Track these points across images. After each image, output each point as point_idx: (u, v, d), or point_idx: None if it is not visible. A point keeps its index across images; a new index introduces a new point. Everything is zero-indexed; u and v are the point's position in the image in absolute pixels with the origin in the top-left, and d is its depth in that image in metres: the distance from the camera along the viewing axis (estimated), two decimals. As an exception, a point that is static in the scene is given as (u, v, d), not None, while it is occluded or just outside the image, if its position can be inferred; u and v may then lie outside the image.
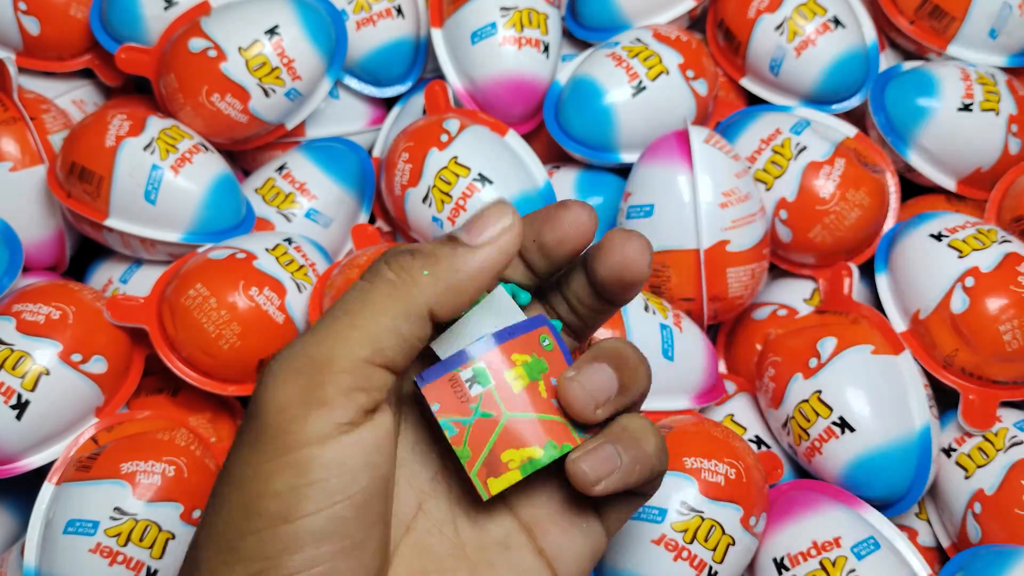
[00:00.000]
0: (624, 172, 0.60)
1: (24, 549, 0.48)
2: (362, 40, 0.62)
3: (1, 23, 0.61)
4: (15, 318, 0.50)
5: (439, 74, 0.62)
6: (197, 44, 0.56)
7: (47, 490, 0.49)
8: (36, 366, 0.49)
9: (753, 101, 0.65)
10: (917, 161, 0.59)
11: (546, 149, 0.63)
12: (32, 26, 0.61)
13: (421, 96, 0.63)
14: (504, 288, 0.32)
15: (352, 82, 0.64)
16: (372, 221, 0.63)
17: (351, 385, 0.28)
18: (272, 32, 0.57)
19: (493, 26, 0.59)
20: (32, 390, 0.49)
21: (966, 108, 0.58)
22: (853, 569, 0.44)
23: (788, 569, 0.46)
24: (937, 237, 0.53)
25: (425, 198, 0.55)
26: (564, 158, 0.62)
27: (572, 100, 0.59)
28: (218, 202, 0.55)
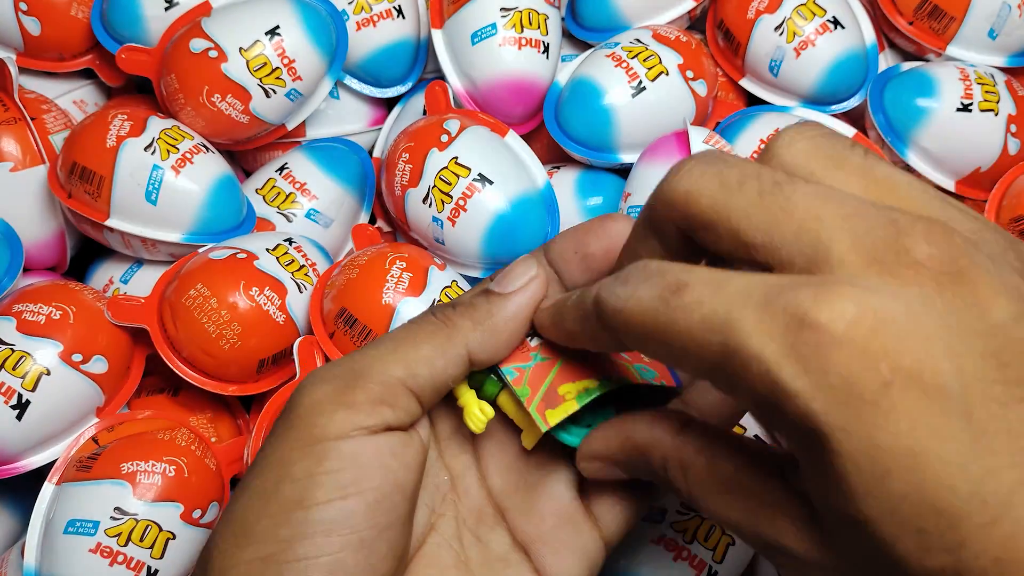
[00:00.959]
0: (624, 172, 0.60)
1: (24, 549, 0.48)
2: (362, 41, 0.62)
3: (2, 23, 0.61)
4: (15, 318, 0.50)
5: (439, 75, 0.62)
6: (198, 44, 0.56)
7: (47, 490, 0.49)
8: (36, 366, 0.49)
9: (753, 101, 0.65)
10: (916, 161, 0.60)
11: (546, 149, 0.63)
12: (33, 26, 0.61)
13: (421, 97, 0.63)
14: None
15: (352, 82, 0.64)
16: (372, 221, 0.63)
17: (380, 397, 0.30)
18: (273, 33, 0.57)
19: (493, 27, 0.59)
20: (32, 390, 0.49)
21: (965, 108, 0.58)
22: (853, 569, 0.44)
23: (788, 569, 0.46)
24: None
25: (425, 198, 0.55)
26: (564, 158, 0.62)
27: (572, 100, 0.59)
28: (219, 202, 0.55)
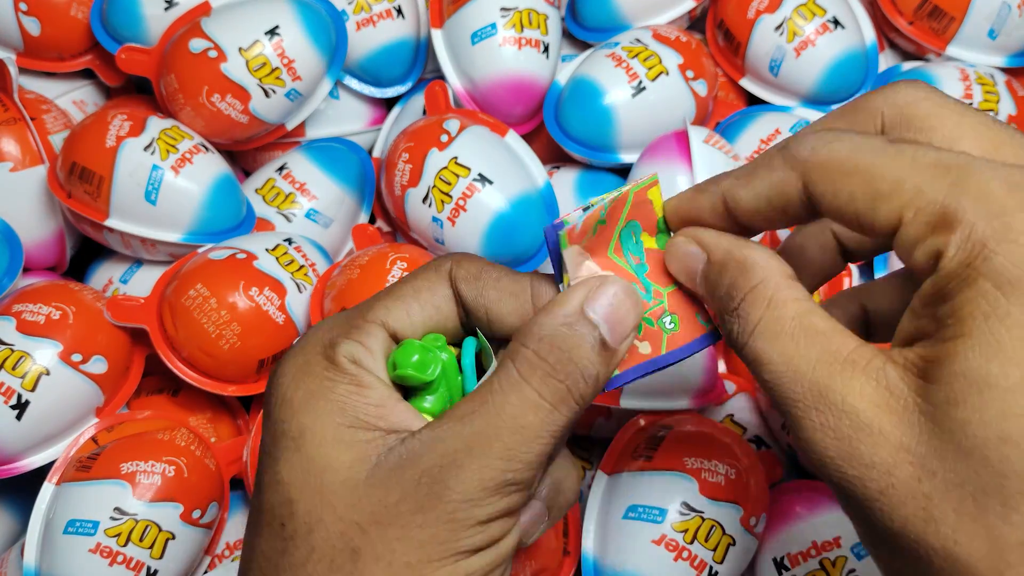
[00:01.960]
0: (624, 172, 0.60)
1: (24, 549, 0.48)
2: (362, 40, 0.62)
3: (2, 23, 0.61)
4: (15, 318, 0.50)
5: (439, 74, 0.62)
6: (198, 44, 0.56)
7: (47, 490, 0.49)
8: (36, 366, 0.49)
9: (753, 101, 0.65)
10: (917, 161, 0.59)
11: (546, 149, 0.63)
12: (33, 26, 0.61)
13: (421, 96, 0.63)
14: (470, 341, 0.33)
15: (352, 82, 0.64)
16: (372, 221, 0.63)
17: None
18: (272, 32, 0.57)
19: (493, 27, 0.59)
20: (32, 390, 0.49)
21: (966, 108, 0.58)
22: (853, 569, 0.44)
23: (788, 569, 0.46)
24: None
25: (425, 198, 0.55)
26: (564, 158, 0.62)
27: (572, 100, 0.59)
28: (218, 202, 0.55)
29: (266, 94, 0.57)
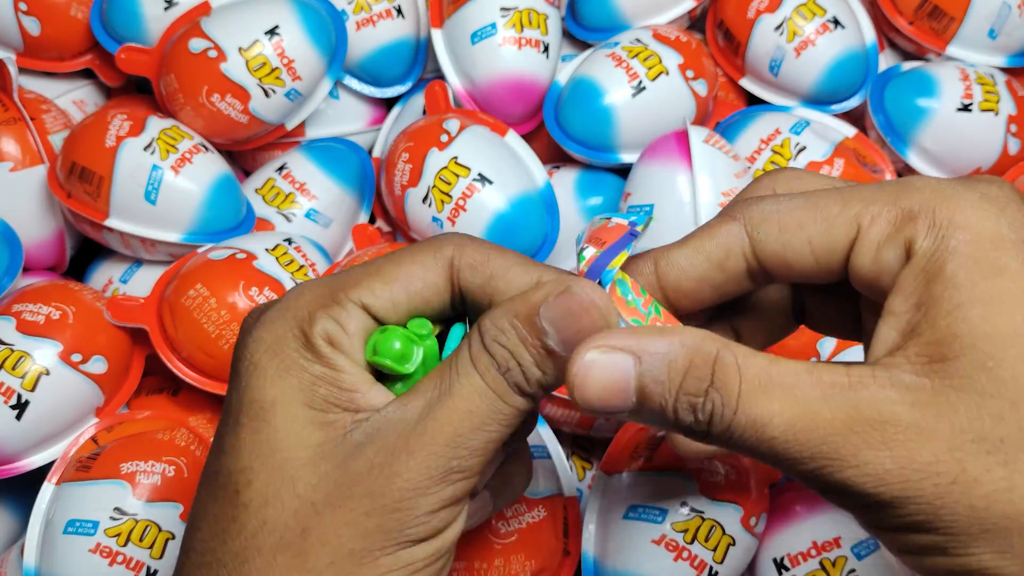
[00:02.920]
0: (624, 172, 0.60)
1: (24, 549, 0.48)
2: (362, 40, 0.62)
3: (1, 23, 0.61)
4: (15, 318, 0.50)
5: (439, 74, 0.62)
6: (197, 44, 0.56)
7: (47, 490, 0.49)
8: (36, 366, 0.49)
9: (753, 101, 0.65)
10: (916, 161, 0.59)
11: (546, 149, 0.63)
12: (32, 26, 0.61)
13: (421, 96, 0.63)
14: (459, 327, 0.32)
15: (352, 82, 0.64)
16: (372, 221, 0.63)
17: None
18: (272, 32, 0.57)
19: (493, 26, 0.59)
20: (32, 390, 0.49)
21: (965, 108, 0.58)
22: (853, 569, 0.44)
23: (788, 569, 0.46)
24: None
25: (425, 198, 0.55)
26: (564, 158, 0.62)
27: (572, 100, 0.59)
28: (218, 202, 0.55)
29: (266, 94, 0.57)
